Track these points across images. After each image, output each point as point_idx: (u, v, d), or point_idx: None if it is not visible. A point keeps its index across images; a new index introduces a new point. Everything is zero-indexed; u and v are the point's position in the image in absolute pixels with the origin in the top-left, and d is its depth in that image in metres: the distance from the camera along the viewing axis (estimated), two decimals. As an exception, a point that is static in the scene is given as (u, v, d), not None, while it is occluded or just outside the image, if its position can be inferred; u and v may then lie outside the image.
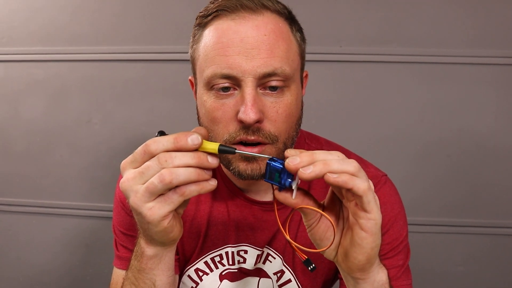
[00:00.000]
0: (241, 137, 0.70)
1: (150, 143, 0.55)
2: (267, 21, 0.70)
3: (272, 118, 0.70)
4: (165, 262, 0.66)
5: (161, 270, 0.66)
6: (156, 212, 0.55)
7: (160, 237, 0.60)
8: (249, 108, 0.67)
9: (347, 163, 0.53)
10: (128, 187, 0.56)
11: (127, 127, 1.64)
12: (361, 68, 1.54)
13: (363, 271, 0.58)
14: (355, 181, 0.52)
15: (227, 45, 0.68)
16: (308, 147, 0.88)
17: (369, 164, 0.89)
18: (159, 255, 0.65)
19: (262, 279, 0.89)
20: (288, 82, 0.71)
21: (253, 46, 0.68)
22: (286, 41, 0.71)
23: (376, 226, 0.54)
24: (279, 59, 0.69)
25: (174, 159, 0.54)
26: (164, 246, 0.64)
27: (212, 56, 0.70)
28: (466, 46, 1.50)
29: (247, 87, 0.68)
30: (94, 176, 1.67)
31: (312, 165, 0.52)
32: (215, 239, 0.87)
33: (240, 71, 0.68)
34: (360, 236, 0.55)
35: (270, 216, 0.84)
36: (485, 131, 1.52)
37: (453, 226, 1.56)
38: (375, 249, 0.56)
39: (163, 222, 0.57)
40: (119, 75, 1.62)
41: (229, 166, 0.74)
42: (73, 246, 1.72)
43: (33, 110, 1.67)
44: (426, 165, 1.55)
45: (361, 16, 1.52)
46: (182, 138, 0.54)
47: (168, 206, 0.55)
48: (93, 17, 1.61)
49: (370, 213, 0.54)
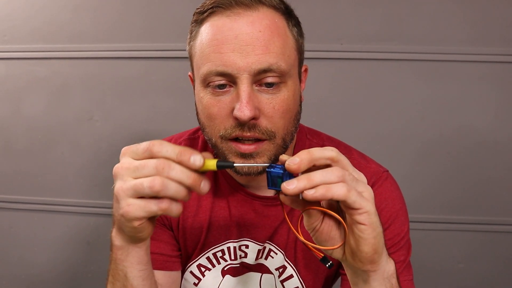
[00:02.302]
0: (237, 133, 0.70)
1: (155, 145, 0.54)
2: (262, 16, 0.70)
3: (268, 114, 0.71)
4: (133, 256, 0.63)
5: (130, 262, 0.64)
6: (132, 211, 0.55)
7: (129, 232, 0.59)
8: (244, 105, 0.67)
9: (328, 173, 0.53)
10: (119, 173, 0.56)
11: (129, 125, 1.64)
12: (362, 66, 1.54)
13: (373, 262, 0.58)
14: (332, 190, 0.52)
15: (221, 42, 0.69)
16: (310, 142, 0.89)
17: (370, 160, 0.89)
18: (126, 248, 0.63)
19: (264, 274, 0.89)
20: (284, 77, 0.71)
21: (247, 42, 0.68)
22: (282, 37, 0.71)
23: (370, 216, 0.55)
24: (275, 55, 0.69)
25: (171, 171, 0.53)
26: (132, 241, 0.62)
27: (207, 53, 0.70)
28: (466, 44, 1.50)
29: (242, 84, 0.68)
30: (95, 174, 1.68)
31: (296, 179, 0.52)
32: (217, 234, 0.87)
33: (235, 68, 0.68)
34: (359, 228, 0.55)
35: (271, 211, 0.85)
36: (485, 128, 1.52)
37: (454, 223, 1.57)
38: (378, 237, 0.56)
39: (135, 222, 0.56)
40: (121, 73, 1.63)
41: None
42: (75, 243, 1.72)
43: (35, 107, 1.67)
44: (427, 162, 1.55)
45: (362, 14, 1.53)
46: (186, 154, 0.53)
47: (144, 213, 0.55)
48: (95, 14, 1.61)
49: (360, 209, 0.54)
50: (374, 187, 0.84)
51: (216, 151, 0.75)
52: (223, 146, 0.73)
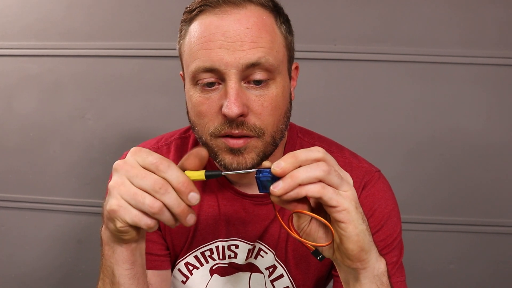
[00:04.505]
0: (226, 130, 0.71)
1: (163, 164, 0.54)
2: (250, 14, 0.70)
3: (257, 112, 0.71)
4: (118, 254, 0.63)
5: (116, 260, 0.63)
6: (119, 211, 0.55)
7: (112, 229, 0.59)
8: (232, 102, 0.67)
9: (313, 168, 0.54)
10: (120, 170, 0.56)
11: (121, 123, 1.64)
12: (356, 67, 1.54)
13: (361, 260, 0.58)
14: (306, 188, 0.53)
15: (209, 39, 0.69)
16: (301, 141, 0.88)
17: (362, 159, 0.89)
18: (111, 245, 0.63)
19: (254, 274, 0.89)
20: (273, 74, 0.71)
21: (235, 39, 0.68)
22: (270, 33, 0.71)
23: (350, 214, 0.55)
24: (263, 49, 0.69)
25: (165, 196, 0.53)
26: (116, 240, 0.62)
27: (195, 50, 0.71)
28: (460, 46, 1.51)
29: (230, 81, 0.68)
30: (87, 172, 1.67)
31: (281, 180, 0.53)
32: (205, 233, 0.87)
33: (222, 64, 0.68)
34: (341, 226, 0.55)
35: (261, 210, 0.85)
36: (478, 130, 1.53)
37: (445, 225, 1.57)
38: (361, 235, 0.56)
39: (118, 223, 0.56)
40: (114, 71, 1.62)
41: (216, 158, 0.74)
42: (66, 242, 1.71)
43: (27, 105, 1.66)
44: (419, 163, 1.56)
45: (356, 15, 1.53)
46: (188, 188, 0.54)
47: (130, 220, 0.55)
48: (88, 12, 1.60)
49: (337, 207, 0.54)
50: (367, 187, 0.84)
51: (207, 148, 0.75)
52: (213, 143, 0.73)
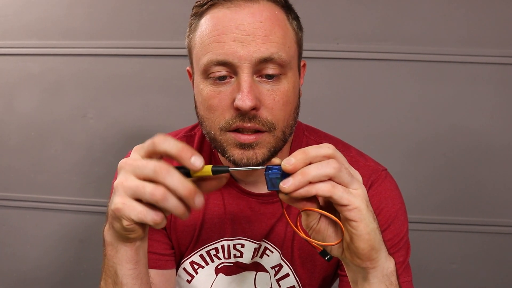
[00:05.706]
0: (238, 124, 0.70)
1: (159, 139, 0.53)
2: (262, 8, 0.70)
3: (269, 106, 0.70)
4: (122, 254, 0.61)
5: (119, 260, 0.62)
6: (124, 209, 0.53)
7: (118, 228, 0.58)
8: (245, 94, 0.67)
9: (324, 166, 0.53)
10: (123, 167, 0.55)
11: (122, 122, 1.63)
12: (358, 66, 1.54)
13: (371, 259, 0.57)
14: (316, 186, 0.53)
15: (222, 32, 0.69)
16: (307, 139, 0.88)
17: (369, 158, 0.89)
18: (115, 245, 0.61)
19: (259, 273, 0.88)
20: (285, 69, 0.71)
21: (248, 32, 0.68)
22: (282, 28, 0.71)
23: (361, 212, 0.54)
24: (276, 44, 0.69)
25: (168, 176, 0.51)
26: (121, 239, 0.60)
27: (208, 43, 0.70)
28: (462, 45, 1.51)
29: (243, 74, 0.68)
30: (88, 171, 1.66)
31: (291, 177, 0.53)
32: (211, 232, 0.86)
33: (236, 57, 0.68)
34: (352, 225, 0.55)
35: (267, 208, 0.84)
36: (480, 129, 1.53)
37: (447, 224, 1.57)
38: (372, 233, 0.56)
39: (124, 221, 0.55)
40: (115, 70, 1.61)
41: (224, 153, 0.73)
42: (68, 241, 1.71)
43: (28, 104, 1.66)
44: (421, 162, 1.56)
45: (359, 14, 1.53)
46: (188, 152, 0.51)
47: (135, 217, 0.53)
48: (89, 11, 1.60)
49: (348, 206, 0.54)
50: (373, 186, 0.83)
51: (215, 144, 0.74)
52: (222, 138, 0.72)
